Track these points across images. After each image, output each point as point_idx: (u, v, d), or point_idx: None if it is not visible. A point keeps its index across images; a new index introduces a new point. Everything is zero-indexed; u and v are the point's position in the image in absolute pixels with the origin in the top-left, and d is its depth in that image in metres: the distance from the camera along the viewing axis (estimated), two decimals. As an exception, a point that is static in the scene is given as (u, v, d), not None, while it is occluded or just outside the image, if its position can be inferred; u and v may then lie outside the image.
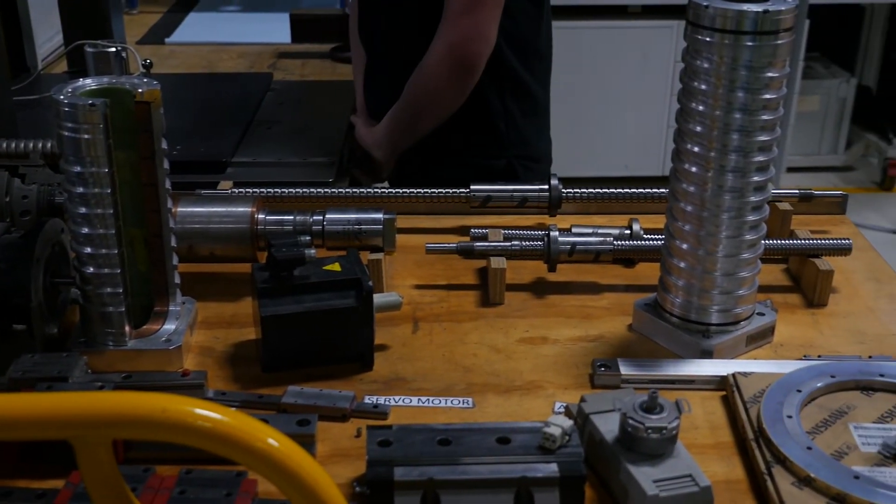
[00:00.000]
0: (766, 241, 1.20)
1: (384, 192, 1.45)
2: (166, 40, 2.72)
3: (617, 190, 1.46)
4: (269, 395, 1.08)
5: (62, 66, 2.42)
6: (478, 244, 1.32)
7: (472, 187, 1.44)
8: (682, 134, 1.13)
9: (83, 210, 1.07)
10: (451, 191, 1.45)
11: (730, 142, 1.08)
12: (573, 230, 1.39)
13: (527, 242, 1.32)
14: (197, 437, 0.61)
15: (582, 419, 0.99)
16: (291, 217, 1.28)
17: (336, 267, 1.15)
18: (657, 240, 1.32)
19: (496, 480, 0.88)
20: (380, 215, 1.29)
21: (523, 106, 1.89)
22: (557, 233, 1.31)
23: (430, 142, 1.85)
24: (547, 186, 1.44)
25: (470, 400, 1.09)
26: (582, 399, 1.00)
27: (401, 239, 1.33)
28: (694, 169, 1.12)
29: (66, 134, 1.04)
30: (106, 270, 1.09)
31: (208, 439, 0.61)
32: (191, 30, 2.83)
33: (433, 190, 1.46)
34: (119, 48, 1.66)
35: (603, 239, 1.33)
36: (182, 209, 1.27)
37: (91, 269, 1.09)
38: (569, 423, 0.92)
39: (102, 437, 0.65)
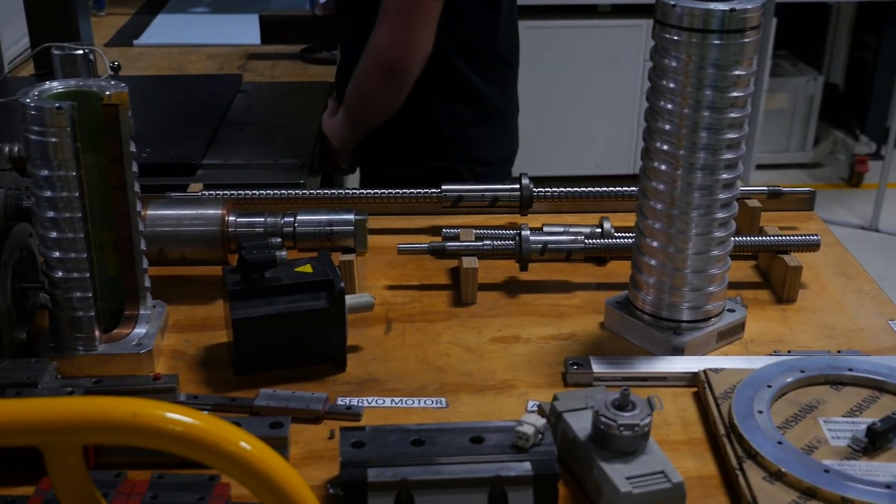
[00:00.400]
0: (736, 237, 1.21)
1: (355, 193, 1.45)
2: (135, 42, 2.70)
3: (588, 189, 1.46)
4: (242, 398, 1.08)
5: (29, 69, 2.40)
6: (449, 244, 1.32)
7: (443, 187, 1.44)
8: (651, 132, 1.13)
9: (51, 214, 1.06)
10: (422, 191, 1.45)
11: (698, 140, 1.09)
12: (544, 229, 1.39)
13: (498, 242, 1.33)
14: (168, 441, 0.61)
15: (555, 417, 0.99)
16: (262, 219, 1.28)
17: (308, 268, 1.14)
18: (628, 238, 1.33)
19: (470, 480, 0.88)
20: (351, 216, 1.28)
21: (473, 110, 1.93)
22: (529, 232, 1.32)
23: (379, 138, 1.91)
24: (518, 186, 1.44)
25: (443, 400, 1.10)
26: (555, 397, 1.00)
27: (372, 240, 1.32)
28: (663, 167, 1.12)
29: (33, 137, 1.03)
30: (75, 275, 1.08)
31: (180, 443, 0.61)
32: (159, 31, 2.80)
33: (404, 190, 1.45)
34: (86, 50, 1.64)
35: (574, 237, 1.33)
36: (152, 212, 1.26)
37: (60, 274, 1.08)
38: (542, 422, 0.92)
39: (73, 442, 0.64)
